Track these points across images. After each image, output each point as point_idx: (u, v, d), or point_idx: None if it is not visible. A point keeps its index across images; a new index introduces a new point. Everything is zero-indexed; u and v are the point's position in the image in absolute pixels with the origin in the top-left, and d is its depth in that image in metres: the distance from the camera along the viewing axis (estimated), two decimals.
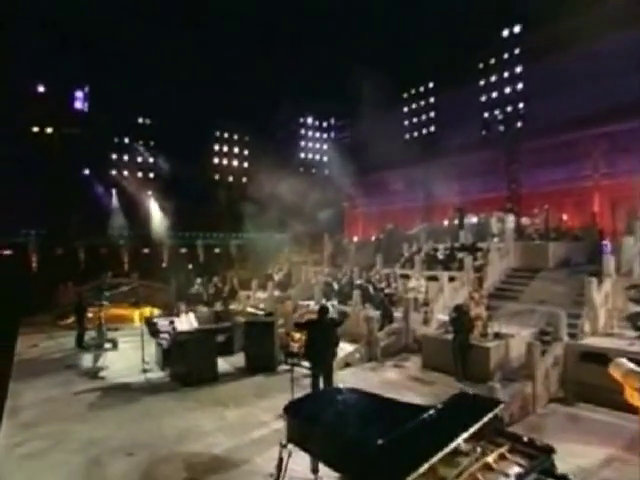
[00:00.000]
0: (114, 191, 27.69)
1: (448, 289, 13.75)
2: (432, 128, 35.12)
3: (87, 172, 25.70)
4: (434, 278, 15.04)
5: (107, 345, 13.34)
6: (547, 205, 17.89)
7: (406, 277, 16.18)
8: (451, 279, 14.31)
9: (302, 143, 34.86)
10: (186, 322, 10.79)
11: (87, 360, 12.14)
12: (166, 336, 10.47)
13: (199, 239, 39.00)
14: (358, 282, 15.51)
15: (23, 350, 13.39)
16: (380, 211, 35.81)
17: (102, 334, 13.26)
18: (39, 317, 18.00)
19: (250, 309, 12.94)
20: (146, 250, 35.09)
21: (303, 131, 35.17)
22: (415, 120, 36.01)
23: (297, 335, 12.04)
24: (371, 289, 14.46)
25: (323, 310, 8.53)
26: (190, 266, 28.67)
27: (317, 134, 35.69)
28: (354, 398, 5.43)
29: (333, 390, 6.50)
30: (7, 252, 31.38)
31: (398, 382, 10.01)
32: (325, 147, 36.15)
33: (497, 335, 10.24)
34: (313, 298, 17.02)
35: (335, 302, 15.41)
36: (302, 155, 34.91)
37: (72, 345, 13.49)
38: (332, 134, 35.58)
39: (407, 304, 12.79)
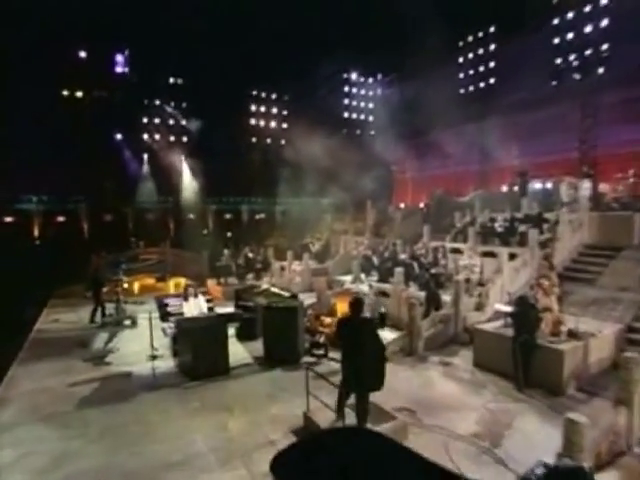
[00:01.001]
0: (145, 156, 26.63)
1: (507, 269, 11.41)
2: (491, 81, 31.19)
3: (119, 137, 24.66)
4: (490, 254, 12.71)
5: (126, 322, 12.23)
6: (632, 169, 14.72)
7: (457, 252, 13.89)
8: (511, 256, 11.92)
9: (346, 101, 31.90)
10: (194, 306, 9.27)
11: (99, 340, 11.06)
12: (172, 323, 9.03)
13: (244, 204, 37.96)
14: (402, 257, 13.42)
15: (42, 325, 12.57)
16: (431, 176, 32.95)
17: (120, 310, 12.15)
18: (75, 288, 17.40)
19: (274, 289, 11.24)
20: (191, 216, 34.47)
21: (347, 88, 31.97)
22: (472, 72, 32.15)
23: (327, 319, 10.35)
24: (416, 267, 12.36)
25: (356, 305, 5.77)
26: (229, 234, 27.52)
27: (362, 91, 32.38)
28: (373, 452, 3.57)
29: (345, 433, 4.66)
30: (61, 219, 31.72)
31: (442, 387, 8.07)
32: (371, 106, 33.15)
33: (572, 334, 7.97)
34: (351, 272, 15.17)
35: (374, 280, 13.47)
36: (346, 115, 32.12)
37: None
38: (378, 91, 32.12)
39: (458, 286, 10.63)
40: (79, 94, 22.24)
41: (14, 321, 12.56)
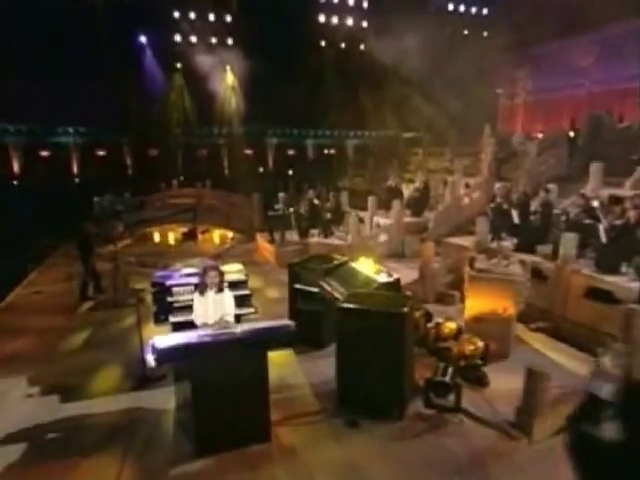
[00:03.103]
0: (179, 66, 22.20)
1: None
2: None
3: (143, 39, 20.30)
4: None
5: (130, 300, 8.48)
6: None
7: None
8: None
9: None
10: (214, 307, 5.02)
11: (80, 335, 7.38)
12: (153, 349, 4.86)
13: (309, 138, 33.33)
14: (571, 211, 8.30)
15: (15, 300, 9.14)
16: (552, 100, 26.06)
17: (117, 282, 8.40)
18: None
19: (357, 263, 6.68)
20: (248, 151, 30.50)
21: None
22: None
23: (451, 325, 5.92)
24: (601, 229, 7.29)
25: None
26: (290, 172, 23.31)
27: None
28: None
29: None
30: (102, 153, 29.07)
31: None
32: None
33: None
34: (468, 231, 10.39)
35: (509, 246, 8.59)
36: (450, 6, 24.89)
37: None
38: None
39: None
40: None
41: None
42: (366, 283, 6.03)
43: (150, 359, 4.33)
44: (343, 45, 22.96)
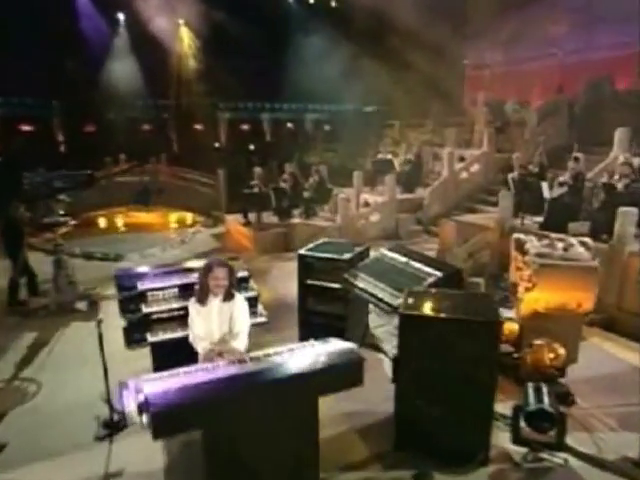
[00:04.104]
0: (122, 17, 19.30)
1: None
2: None
3: None
4: None
5: (79, 305, 6.69)
6: None
7: None
8: None
9: None
10: (218, 324, 3.42)
11: (8, 357, 5.53)
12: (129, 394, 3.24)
13: (265, 112, 31.28)
14: (614, 183, 7.23)
15: None
16: (521, 72, 25.57)
17: (60, 281, 6.52)
18: None
19: (393, 252, 5.21)
20: (198, 126, 28.12)
21: None
22: None
23: (511, 325, 4.82)
24: None
25: None
26: (252, 147, 21.54)
27: None
28: None
29: None
30: (27, 128, 25.64)
31: None
32: None
33: None
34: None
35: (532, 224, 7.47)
36: None
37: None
38: None
39: None
40: None
41: None
42: (414, 277, 4.61)
43: (131, 412, 2.74)
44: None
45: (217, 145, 24.21)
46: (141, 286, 4.37)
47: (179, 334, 4.11)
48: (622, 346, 5.81)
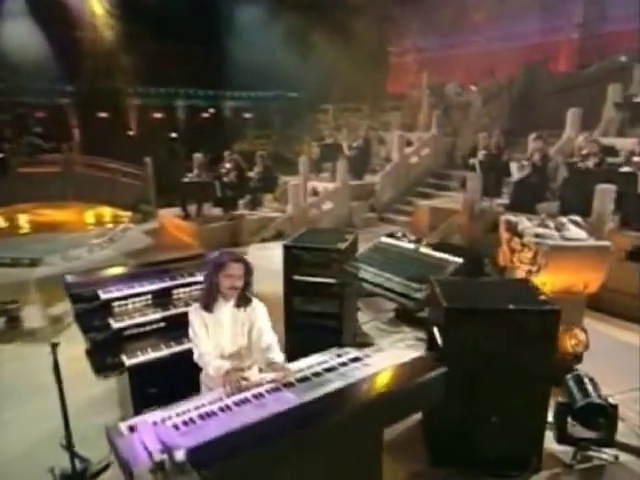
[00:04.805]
0: None
1: None
2: None
3: None
4: None
5: None
6: None
7: None
8: None
9: None
10: (212, 343, 2.66)
11: None
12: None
13: (180, 98, 29.60)
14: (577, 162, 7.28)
15: None
16: (445, 58, 26.34)
17: None
18: None
19: (398, 239, 4.70)
20: (103, 114, 25.87)
21: None
22: None
23: (580, 334, 4.46)
24: None
25: None
26: (174, 134, 20.23)
27: None
28: None
29: None
30: None
31: None
32: None
33: None
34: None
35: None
36: None
37: None
38: None
39: None
40: None
41: None
42: (430, 265, 4.15)
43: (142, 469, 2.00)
44: None
45: (131, 133, 22.39)
46: (104, 295, 3.49)
47: (164, 352, 3.32)
48: (616, 326, 5.83)
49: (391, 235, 4.74)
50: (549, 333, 3.18)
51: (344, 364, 2.53)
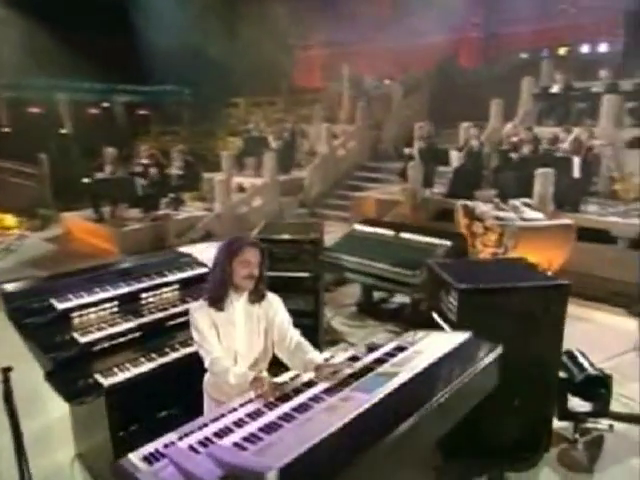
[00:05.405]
0: None
1: None
2: None
3: None
4: None
5: None
6: None
7: None
8: None
9: None
10: (224, 345, 2.34)
11: None
12: None
13: (61, 91, 27.18)
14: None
15: None
16: (351, 53, 26.90)
17: None
18: None
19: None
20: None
21: None
22: None
23: None
24: (576, 163, 6.89)
25: None
26: (64, 130, 18.57)
27: None
28: None
29: None
30: None
31: None
32: None
33: None
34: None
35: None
36: None
37: None
38: None
39: None
40: None
41: None
42: (416, 249, 4.06)
43: None
44: None
45: (6, 130, 20.05)
46: (60, 304, 2.93)
47: (146, 367, 2.86)
48: (580, 305, 6.11)
49: (366, 222, 4.59)
50: (560, 308, 3.21)
51: (391, 354, 2.30)
